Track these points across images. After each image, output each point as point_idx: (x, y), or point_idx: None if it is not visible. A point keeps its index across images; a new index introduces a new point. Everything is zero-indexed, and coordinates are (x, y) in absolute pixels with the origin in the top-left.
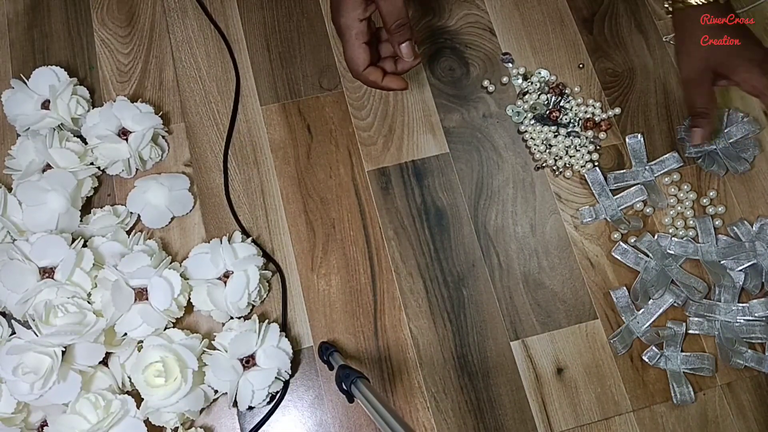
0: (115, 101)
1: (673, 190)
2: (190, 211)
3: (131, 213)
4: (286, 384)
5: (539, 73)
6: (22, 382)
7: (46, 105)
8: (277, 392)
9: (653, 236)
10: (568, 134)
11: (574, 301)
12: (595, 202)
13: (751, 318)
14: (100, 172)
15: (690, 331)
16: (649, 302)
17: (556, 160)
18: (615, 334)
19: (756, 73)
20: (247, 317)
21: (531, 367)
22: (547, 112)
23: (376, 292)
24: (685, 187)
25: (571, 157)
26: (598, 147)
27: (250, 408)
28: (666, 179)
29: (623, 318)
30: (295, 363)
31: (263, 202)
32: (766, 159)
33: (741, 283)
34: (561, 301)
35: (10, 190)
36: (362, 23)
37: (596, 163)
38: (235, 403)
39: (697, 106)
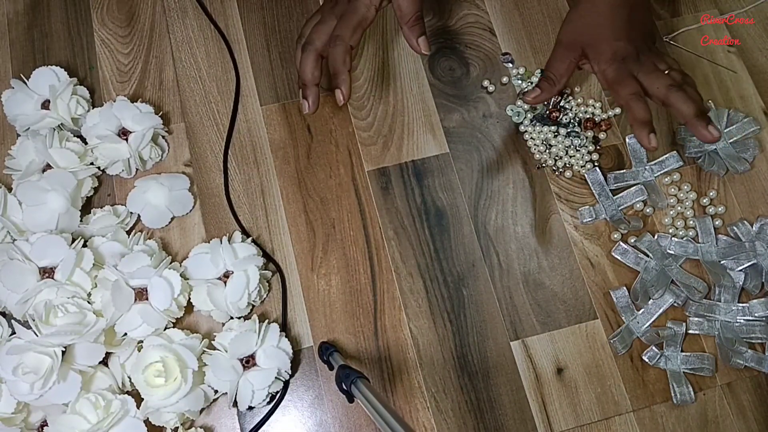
0: (115, 101)
1: (673, 190)
2: (190, 211)
3: (131, 213)
4: (286, 384)
5: (539, 73)
6: (22, 382)
7: (46, 105)
8: (277, 392)
9: (653, 236)
10: (568, 134)
11: (574, 301)
12: (595, 202)
13: (751, 318)
14: (100, 172)
15: (690, 331)
16: (649, 302)
17: (556, 160)
18: (615, 334)
19: (614, 68)
20: (247, 317)
21: (531, 367)
22: (547, 112)
23: (376, 292)
24: (685, 187)
25: (571, 157)
26: (598, 147)
27: (250, 408)
28: (666, 179)
29: (623, 318)
30: (295, 363)
31: (263, 202)
32: (766, 159)
33: (741, 283)
34: (561, 301)
35: (10, 190)
36: (374, 12)
37: (596, 163)
38: (235, 403)
39: (552, 70)
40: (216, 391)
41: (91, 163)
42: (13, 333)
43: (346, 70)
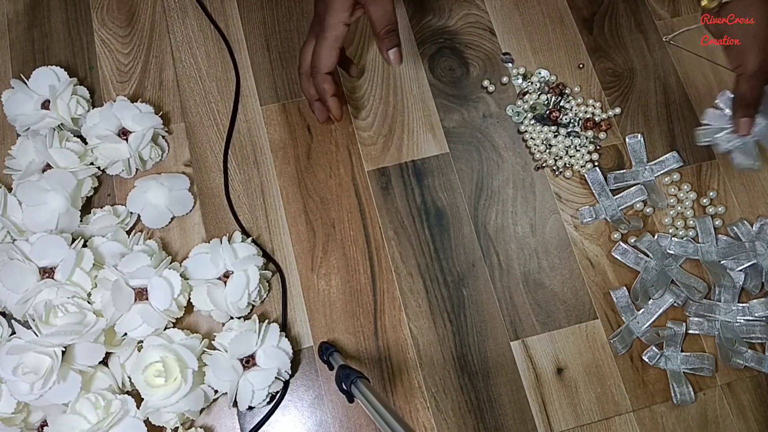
0: (115, 101)
1: (673, 190)
2: (190, 211)
3: (131, 213)
4: (286, 384)
5: (539, 73)
6: (22, 382)
7: (46, 105)
8: (277, 392)
9: (653, 236)
10: (568, 134)
11: (574, 301)
12: (595, 202)
13: (751, 318)
14: (100, 172)
15: (690, 331)
16: (649, 302)
17: (556, 160)
18: (615, 334)
19: None
20: (247, 317)
21: (531, 367)
22: (547, 112)
23: (376, 292)
24: (685, 187)
25: (571, 157)
26: (598, 147)
27: (250, 408)
28: (666, 179)
29: (623, 318)
30: (295, 363)
31: (263, 202)
32: (766, 159)
33: (741, 283)
34: (561, 301)
35: (10, 190)
36: (345, 28)
37: (596, 163)
38: (235, 403)
39: (754, 100)
40: (216, 391)
41: (91, 163)
42: (13, 333)
43: (330, 94)
